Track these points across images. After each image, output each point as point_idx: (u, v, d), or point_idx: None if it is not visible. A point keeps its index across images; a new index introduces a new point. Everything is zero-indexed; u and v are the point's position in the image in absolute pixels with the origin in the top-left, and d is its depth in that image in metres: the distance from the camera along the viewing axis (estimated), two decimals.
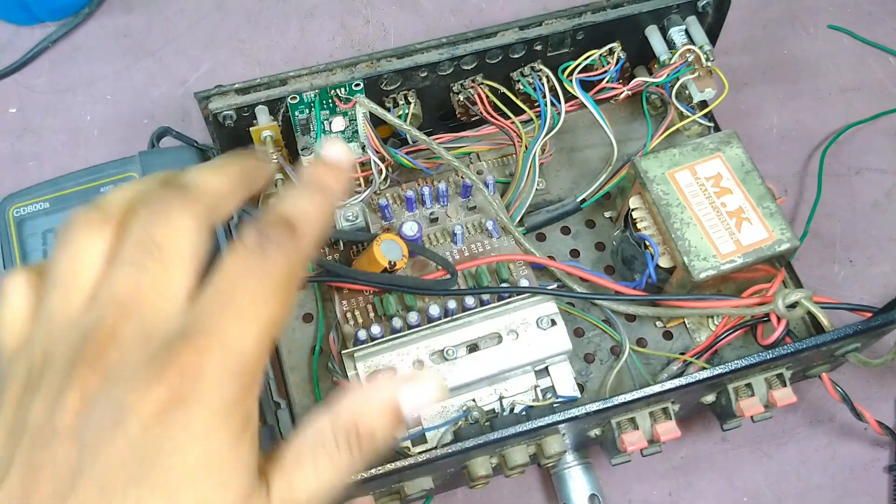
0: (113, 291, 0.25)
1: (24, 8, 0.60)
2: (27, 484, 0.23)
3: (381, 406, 0.27)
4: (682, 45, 0.50)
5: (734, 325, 0.46)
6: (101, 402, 0.23)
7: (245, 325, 0.24)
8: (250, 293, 0.25)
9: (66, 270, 0.26)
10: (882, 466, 0.50)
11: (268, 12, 0.64)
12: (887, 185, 0.57)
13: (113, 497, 0.23)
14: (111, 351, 0.24)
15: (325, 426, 0.26)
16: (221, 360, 0.24)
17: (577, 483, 0.46)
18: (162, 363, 0.23)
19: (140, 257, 0.25)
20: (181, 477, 0.23)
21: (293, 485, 0.25)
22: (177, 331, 0.24)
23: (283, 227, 0.26)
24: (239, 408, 0.24)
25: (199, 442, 0.23)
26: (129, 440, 0.23)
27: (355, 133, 0.48)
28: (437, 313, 0.45)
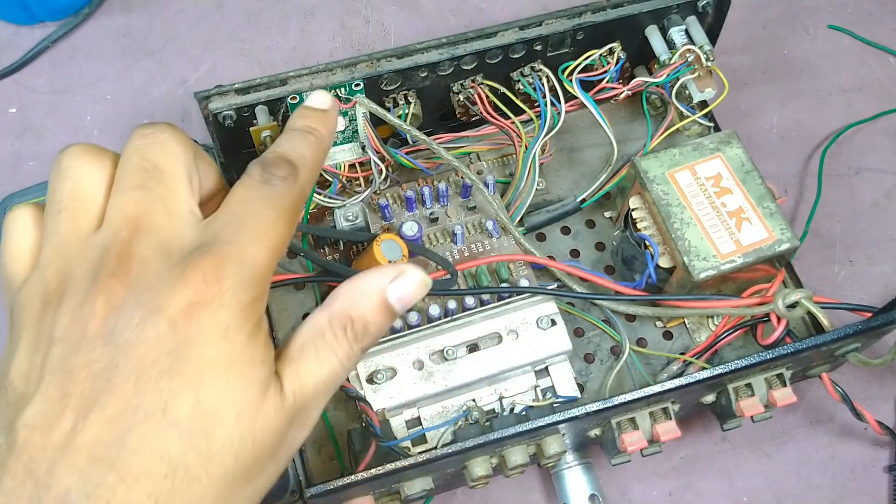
0: (123, 211, 0.27)
1: (24, 8, 0.60)
2: (64, 386, 0.25)
3: (371, 298, 0.29)
4: (682, 45, 0.50)
5: (734, 325, 0.46)
6: (129, 306, 0.25)
7: (258, 240, 0.27)
8: (261, 216, 0.27)
9: (70, 196, 0.28)
10: (882, 466, 0.50)
11: (268, 12, 0.64)
12: (887, 185, 0.57)
13: (147, 388, 0.25)
14: (132, 263, 0.26)
15: (322, 320, 0.29)
16: (239, 267, 0.26)
17: (577, 483, 0.46)
18: (185, 269, 0.26)
19: (144, 179, 0.27)
20: (207, 369, 0.25)
21: (300, 375, 0.28)
22: (195, 244, 0.27)
23: (284, 164, 0.29)
24: (254, 311, 0.27)
25: (222, 338, 0.26)
26: (159, 336, 0.25)
27: (355, 133, 0.48)
28: (437, 313, 0.45)
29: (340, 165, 0.47)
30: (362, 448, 0.41)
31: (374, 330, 0.29)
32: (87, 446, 0.24)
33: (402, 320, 0.45)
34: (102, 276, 0.26)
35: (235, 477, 0.26)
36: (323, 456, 0.45)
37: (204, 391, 0.25)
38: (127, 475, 0.24)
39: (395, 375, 0.43)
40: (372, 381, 0.43)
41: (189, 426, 0.25)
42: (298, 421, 0.28)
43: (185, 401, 0.25)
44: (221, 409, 0.25)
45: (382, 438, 0.41)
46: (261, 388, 0.26)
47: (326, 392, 0.29)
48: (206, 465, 0.25)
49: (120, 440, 0.24)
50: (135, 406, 0.24)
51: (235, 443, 0.26)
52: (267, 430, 0.26)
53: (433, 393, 0.43)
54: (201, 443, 0.25)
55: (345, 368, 0.29)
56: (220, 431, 0.25)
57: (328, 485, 0.38)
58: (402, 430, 0.44)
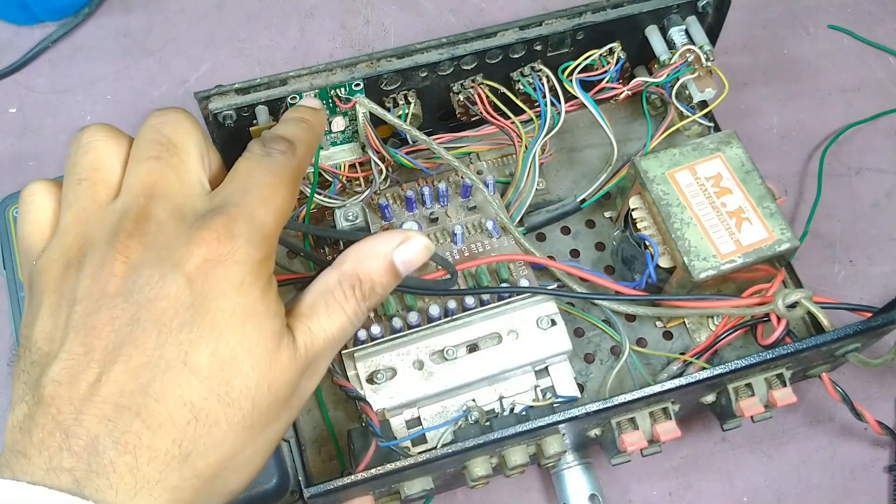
0: (139, 180, 0.29)
1: (24, 8, 0.60)
2: (88, 342, 0.26)
3: (378, 260, 0.31)
4: (682, 45, 0.50)
5: (734, 325, 0.46)
6: (147, 264, 0.27)
7: (265, 204, 0.29)
8: (265, 182, 0.29)
9: (90, 167, 0.30)
10: (882, 466, 0.50)
11: (268, 12, 0.64)
12: (887, 185, 0.57)
13: (168, 340, 0.26)
14: (149, 225, 0.27)
15: (332, 278, 0.31)
16: (250, 226, 0.28)
17: (577, 483, 0.46)
18: (199, 229, 0.27)
19: (159, 152, 0.29)
20: (224, 321, 0.27)
21: (312, 329, 0.30)
22: (206, 207, 0.28)
23: (282, 140, 0.31)
24: (265, 267, 0.28)
25: (237, 291, 0.27)
26: (178, 291, 0.26)
27: (355, 133, 0.48)
28: (437, 313, 0.45)
29: (340, 165, 0.47)
30: (362, 448, 0.41)
31: (381, 290, 0.31)
32: (113, 396, 0.25)
33: (402, 320, 0.45)
34: (121, 237, 0.27)
35: (253, 422, 0.27)
36: (323, 456, 0.45)
37: (222, 341, 0.26)
38: (152, 422, 0.25)
39: (395, 375, 0.43)
40: (372, 381, 0.43)
41: (209, 374, 0.26)
42: (309, 372, 0.30)
43: (205, 350, 0.26)
44: (239, 357, 0.27)
45: (382, 438, 0.41)
46: (275, 339, 0.28)
47: (335, 346, 0.31)
48: (225, 411, 0.26)
49: (144, 389, 0.25)
50: (157, 357, 0.26)
51: (252, 389, 0.27)
52: (281, 378, 0.28)
53: (433, 393, 0.43)
54: (221, 389, 0.26)
55: (353, 325, 0.31)
56: (238, 379, 0.27)
57: (328, 485, 0.38)
58: (402, 430, 0.44)
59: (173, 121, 0.30)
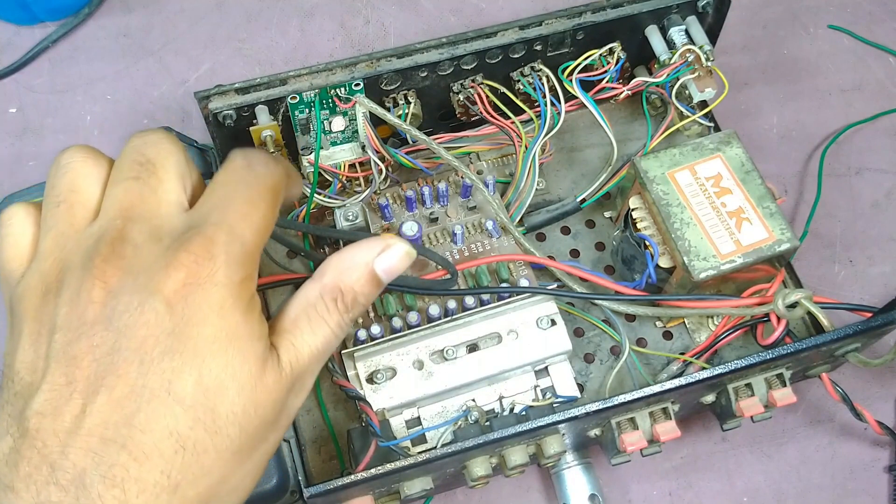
0: (117, 201, 0.28)
1: (24, 8, 0.60)
2: (69, 372, 0.25)
3: (359, 270, 0.31)
4: (682, 45, 0.50)
5: (734, 325, 0.46)
6: (125, 290, 0.26)
7: (245, 220, 0.28)
8: (245, 197, 0.28)
9: (67, 189, 0.29)
10: (882, 466, 0.50)
11: (268, 12, 0.64)
12: (887, 185, 0.57)
13: (150, 369, 0.25)
14: (125, 248, 0.27)
15: (313, 291, 0.30)
16: (229, 246, 0.27)
17: (577, 483, 0.46)
18: (176, 251, 0.26)
19: (137, 172, 0.29)
20: (207, 347, 0.26)
21: (296, 345, 0.29)
22: (184, 227, 0.28)
23: (264, 154, 0.30)
24: (246, 288, 0.27)
25: (217, 315, 0.26)
26: (158, 317, 0.26)
27: (355, 133, 0.48)
28: (437, 313, 0.45)
29: (340, 165, 0.47)
30: (362, 448, 0.41)
31: (363, 300, 0.31)
32: (98, 428, 0.25)
33: (402, 320, 0.45)
34: (97, 262, 0.26)
35: (241, 446, 0.27)
36: (323, 456, 0.45)
37: (205, 368, 0.26)
38: (139, 453, 0.25)
39: (395, 375, 0.43)
40: (372, 381, 0.43)
41: (194, 402, 0.26)
42: (296, 389, 0.29)
43: (188, 378, 0.26)
44: (223, 383, 0.26)
45: (382, 438, 0.41)
46: (259, 362, 0.27)
47: (320, 360, 0.30)
48: (213, 439, 0.26)
49: (129, 420, 0.25)
50: (140, 386, 0.25)
51: (239, 415, 0.26)
52: (268, 400, 0.27)
53: (433, 393, 0.43)
54: (207, 417, 0.26)
55: (337, 337, 0.30)
56: (224, 405, 0.26)
57: (328, 484, 0.38)
58: (402, 429, 0.44)
59: (153, 141, 0.30)
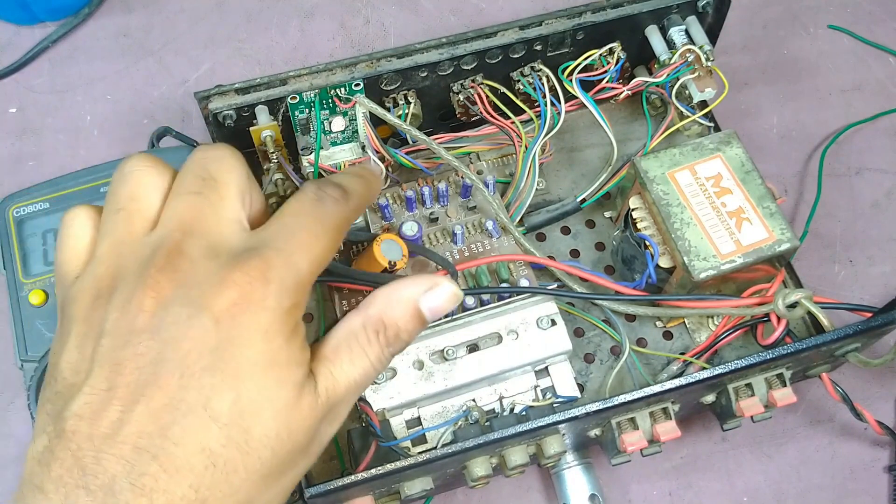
0: (177, 214, 0.28)
1: (24, 8, 0.60)
2: (111, 378, 0.26)
3: (404, 306, 0.31)
4: (682, 45, 0.50)
5: (734, 325, 0.46)
6: (176, 302, 0.26)
7: (304, 250, 0.28)
8: (310, 229, 0.29)
9: (129, 198, 0.29)
10: (882, 466, 0.50)
11: (268, 12, 0.64)
12: (887, 184, 0.57)
13: (190, 384, 0.26)
14: (181, 261, 0.27)
15: (357, 323, 0.30)
16: (285, 272, 0.27)
17: (577, 483, 0.46)
18: (231, 269, 0.27)
19: (199, 187, 0.29)
20: (248, 368, 0.26)
21: (334, 374, 0.29)
22: (242, 247, 0.28)
23: (338, 188, 0.31)
24: (293, 315, 0.28)
25: (262, 339, 0.27)
26: (204, 333, 0.26)
27: (355, 133, 0.48)
28: None
29: (340, 165, 0.47)
30: (362, 448, 0.41)
31: (406, 336, 0.31)
32: (132, 437, 0.25)
33: None
34: (152, 272, 0.27)
35: (271, 470, 0.27)
36: (323, 456, 0.45)
37: (244, 389, 0.26)
38: (170, 466, 0.25)
39: (395, 375, 0.43)
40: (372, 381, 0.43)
41: (229, 421, 0.26)
42: (329, 417, 0.29)
43: (226, 397, 0.26)
44: (260, 406, 0.26)
45: (382, 438, 0.41)
46: (297, 388, 0.27)
47: (357, 391, 0.30)
48: (244, 459, 0.26)
49: (164, 432, 0.25)
50: (178, 400, 0.25)
51: (272, 438, 0.27)
52: (301, 426, 0.28)
53: (433, 393, 0.43)
54: (240, 437, 0.26)
55: (375, 370, 0.30)
56: (259, 427, 0.26)
57: (328, 485, 0.38)
58: (402, 430, 0.44)
59: (217, 157, 0.30)
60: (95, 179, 0.50)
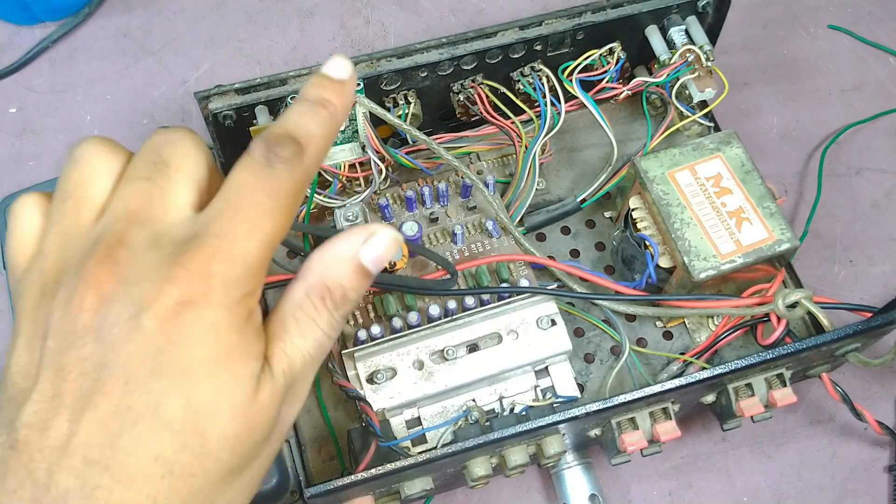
0: (123, 202, 0.27)
1: (24, 8, 0.60)
2: (57, 384, 0.24)
3: (345, 264, 0.28)
4: (682, 45, 0.50)
5: (734, 325, 0.46)
6: (118, 300, 0.25)
7: (251, 232, 0.26)
8: (258, 205, 0.26)
9: (77, 185, 0.27)
10: (882, 466, 0.50)
11: (267, 12, 0.64)
12: (887, 185, 0.57)
13: (137, 389, 0.24)
14: (121, 253, 0.25)
15: (300, 293, 0.28)
16: (229, 263, 0.25)
17: (577, 483, 0.46)
18: (173, 264, 0.25)
19: (149, 172, 0.27)
20: (197, 369, 0.25)
21: (287, 352, 0.27)
22: (186, 235, 0.26)
23: (290, 143, 0.27)
24: (243, 306, 0.26)
25: (211, 337, 0.25)
26: (147, 336, 0.24)
27: (355, 133, 0.48)
28: (437, 313, 0.45)
29: (340, 165, 0.47)
30: (362, 448, 0.41)
31: (353, 295, 0.29)
32: (82, 448, 0.24)
33: (402, 320, 0.45)
34: (91, 265, 0.25)
35: (231, 468, 0.26)
36: (323, 456, 0.45)
37: (195, 391, 0.25)
38: (123, 477, 0.24)
39: (395, 375, 0.43)
40: (372, 381, 0.43)
41: (182, 427, 0.24)
42: (289, 399, 0.28)
43: (176, 402, 0.24)
44: (214, 407, 0.25)
45: (382, 438, 0.41)
46: (253, 381, 0.26)
47: (314, 364, 0.28)
48: (202, 463, 0.25)
49: (113, 442, 0.24)
50: (126, 407, 0.24)
51: (231, 438, 0.25)
52: (262, 418, 0.26)
53: (433, 393, 0.43)
54: (195, 442, 0.24)
55: (329, 337, 0.28)
56: (215, 429, 0.25)
57: (328, 485, 0.38)
58: (402, 430, 0.44)
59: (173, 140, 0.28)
60: None
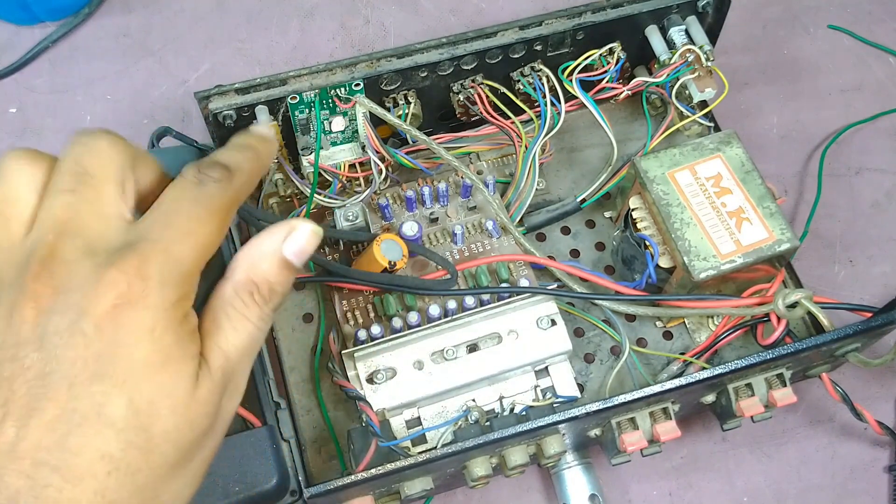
0: (52, 215, 0.27)
1: (24, 8, 0.60)
2: (3, 393, 0.25)
3: (268, 260, 0.29)
4: (682, 45, 0.50)
5: (734, 325, 0.46)
6: (56, 309, 0.25)
7: (185, 238, 0.27)
8: (190, 214, 0.28)
9: (3, 200, 0.28)
10: (882, 466, 0.50)
11: (268, 12, 0.64)
12: (887, 184, 0.57)
13: (80, 393, 0.25)
14: (56, 265, 0.26)
15: (228, 290, 0.29)
16: (164, 265, 0.26)
17: (577, 483, 0.46)
18: (109, 269, 0.26)
19: (73, 184, 0.27)
20: (137, 371, 0.26)
21: (221, 347, 0.28)
22: (121, 243, 0.27)
23: (220, 168, 0.29)
24: (180, 307, 0.27)
25: (148, 338, 0.26)
26: (87, 340, 0.25)
27: (355, 133, 0.48)
28: (437, 313, 0.45)
29: (340, 165, 0.47)
30: (362, 448, 0.41)
31: (280, 289, 0.30)
32: (30, 451, 0.25)
33: (402, 320, 0.45)
34: (28, 280, 0.26)
35: (176, 460, 0.27)
36: (323, 456, 0.45)
37: (136, 391, 0.26)
38: (71, 476, 0.25)
39: (395, 375, 0.43)
40: (372, 381, 0.43)
41: (125, 426, 0.25)
42: (229, 391, 0.29)
43: (119, 402, 0.25)
44: (155, 405, 0.26)
45: (382, 438, 0.41)
46: (191, 379, 0.27)
47: (249, 357, 0.29)
48: (146, 458, 0.26)
49: (61, 443, 0.25)
50: (71, 410, 0.25)
51: (172, 433, 0.26)
52: (202, 412, 0.27)
53: (433, 393, 0.43)
54: (139, 439, 0.26)
55: (261, 330, 0.29)
56: (158, 425, 0.26)
57: (328, 485, 0.38)
58: (402, 430, 0.44)
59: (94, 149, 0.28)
60: None
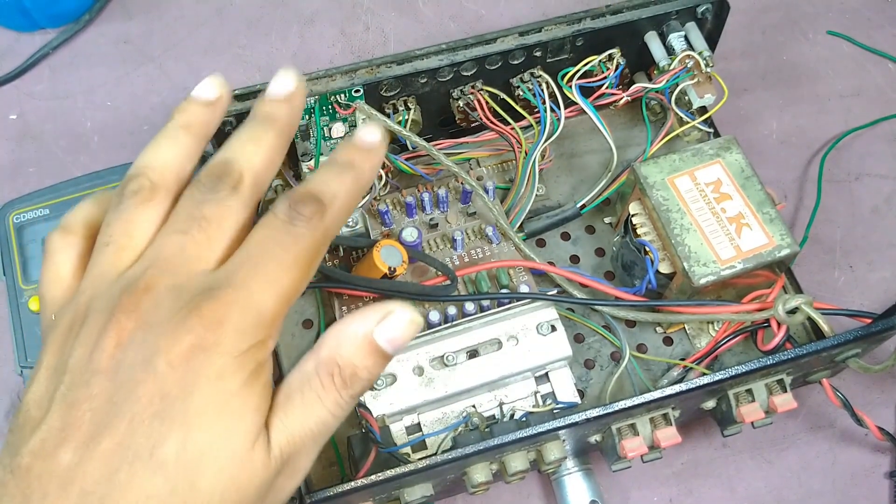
0: (158, 252, 0.28)
1: (24, 14, 0.61)
2: (66, 419, 0.25)
3: (357, 342, 0.28)
4: (681, 51, 0.50)
5: (734, 331, 0.46)
6: (135, 344, 0.26)
7: (268, 286, 0.27)
8: (276, 260, 0.27)
9: (121, 232, 0.29)
10: (883, 472, 0.50)
11: (268, 19, 0.64)
12: (887, 190, 0.58)
13: (139, 429, 0.25)
14: (146, 300, 0.26)
15: (309, 366, 0.28)
16: (242, 313, 0.26)
17: (578, 489, 0.46)
18: (189, 312, 0.26)
19: (188, 226, 0.28)
20: (196, 416, 0.25)
21: (287, 424, 0.27)
22: (205, 286, 0.27)
23: (312, 203, 0.28)
24: (252, 358, 0.26)
25: (214, 385, 0.26)
26: (157, 379, 0.25)
27: None
28: (436, 319, 0.45)
29: None
30: (362, 454, 0.41)
31: (365, 375, 0.28)
32: (80, 480, 0.25)
33: None
34: (116, 312, 0.26)
35: None
36: (323, 462, 0.45)
37: (191, 438, 0.25)
38: None
39: (395, 381, 0.43)
40: (372, 387, 0.43)
41: (174, 472, 0.25)
42: (287, 471, 0.28)
43: (172, 445, 0.25)
44: (206, 457, 0.25)
45: (382, 444, 0.41)
46: (249, 438, 0.26)
47: (316, 441, 0.28)
48: None
49: (110, 477, 0.25)
50: (126, 446, 0.25)
51: (218, 494, 0.26)
52: (252, 481, 0.26)
53: (433, 399, 0.43)
54: (185, 489, 0.25)
55: (335, 417, 0.28)
56: (204, 480, 0.25)
57: (328, 491, 0.38)
58: (402, 436, 0.44)
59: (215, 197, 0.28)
60: (95, 186, 0.50)
